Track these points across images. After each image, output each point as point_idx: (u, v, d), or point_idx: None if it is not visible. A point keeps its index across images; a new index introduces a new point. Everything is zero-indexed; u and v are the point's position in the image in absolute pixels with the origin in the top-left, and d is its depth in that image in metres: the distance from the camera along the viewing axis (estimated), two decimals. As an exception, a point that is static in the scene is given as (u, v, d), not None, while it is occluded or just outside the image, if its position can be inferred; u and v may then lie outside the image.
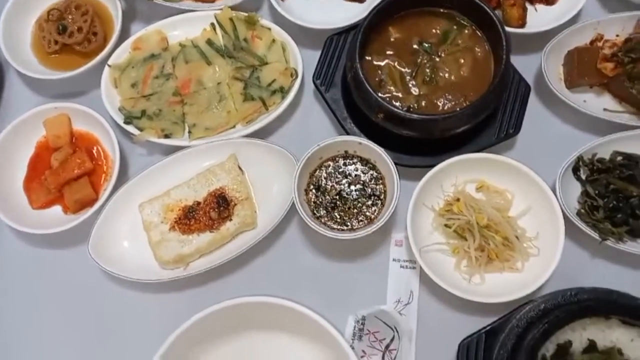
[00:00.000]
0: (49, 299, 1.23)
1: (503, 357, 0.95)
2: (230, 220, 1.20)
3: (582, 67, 1.26)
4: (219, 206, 1.20)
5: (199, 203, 1.21)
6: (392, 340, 1.16)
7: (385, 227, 1.23)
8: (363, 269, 1.19)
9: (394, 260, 1.19)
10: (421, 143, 1.24)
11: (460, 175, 1.23)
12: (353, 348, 1.14)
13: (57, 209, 1.28)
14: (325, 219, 1.19)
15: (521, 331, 0.95)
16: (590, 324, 0.97)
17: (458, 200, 1.18)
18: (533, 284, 1.08)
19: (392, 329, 1.16)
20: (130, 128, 1.30)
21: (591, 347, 0.94)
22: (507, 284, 1.12)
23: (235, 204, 1.21)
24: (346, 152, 1.23)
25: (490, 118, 1.23)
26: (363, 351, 1.15)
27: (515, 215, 1.18)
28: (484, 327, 1.07)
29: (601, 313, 0.92)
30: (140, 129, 1.30)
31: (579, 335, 0.97)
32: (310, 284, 1.17)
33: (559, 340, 0.96)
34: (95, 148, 1.32)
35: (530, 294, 1.05)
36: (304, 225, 1.22)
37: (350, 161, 1.23)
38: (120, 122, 1.30)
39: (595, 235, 1.11)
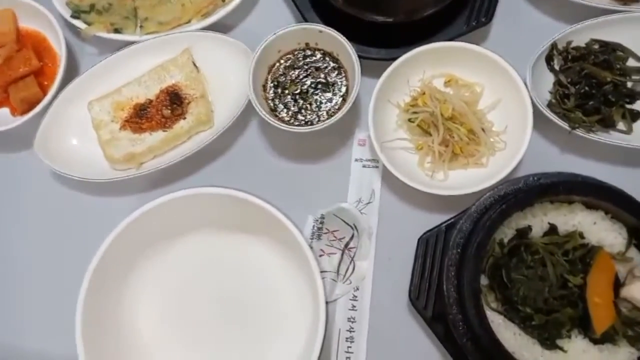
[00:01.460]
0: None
1: (459, 242, 0.93)
2: (184, 118, 1.14)
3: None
4: (172, 104, 1.14)
5: (150, 101, 1.15)
6: (351, 238, 1.13)
7: (349, 126, 1.18)
8: (325, 169, 1.14)
9: (356, 160, 1.14)
10: (387, 33, 1.17)
11: (428, 69, 1.16)
12: (312, 247, 1.12)
13: (4, 111, 1.22)
14: (285, 115, 1.14)
15: (478, 215, 0.91)
16: (553, 209, 0.94)
17: (424, 94, 1.13)
18: (497, 175, 1.03)
19: (351, 227, 1.13)
20: (78, 23, 1.22)
21: (552, 230, 0.91)
22: (472, 179, 1.07)
23: (190, 102, 1.15)
24: (307, 44, 1.16)
25: (460, 5, 1.15)
26: (322, 250, 1.12)
27: (484, 109, 1.13)
28: (445, 221, 1.04)
29: (563, 193, 0.88)
30: (89, 24, 1.22)
31: (539, 220, 0.93)
32: (270, 185, 1.12)
33: (519, 226, 0.93)
34: (42, 46, 1.25)
35: (494, 186, 1.01)
36: (264, 125, 1.17)
37: (312, 54, 1.16)
38: (68, 16, 1.22)
39: (565, 125, 1.05)
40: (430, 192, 1.03)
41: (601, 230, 0.90)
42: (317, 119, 1.10)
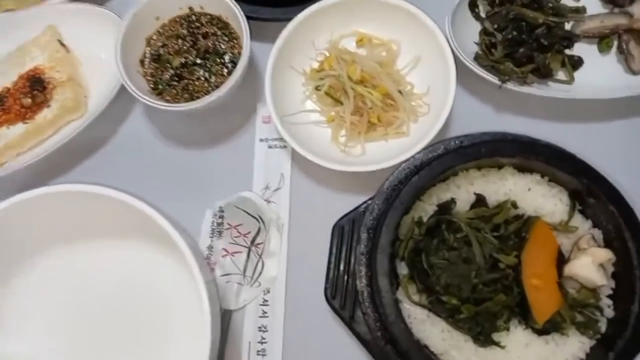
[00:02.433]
0: None
1: (371, 226, 0.77)
2: (48, 106, 0.97)
3: None
4: (32, 90, 0.97)
5: (8, 89, 0.98)
6: (257, 232, 0.97)
7: (250, 101, 1.02)
8: (224, 154, 0.99)
9: (261, 140, 0.99)
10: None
11: (336, 28, 0.99)
12: (212, 248, 0.96)
13: None
14: (168, 94, 0.98)
15: (391, 192, 0.77)
16: (480, 177, 0.79)
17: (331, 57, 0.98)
18: (420, 144, 0.89)
19: (256, 219, 0.97)
20: None
21: (478, 201, 0.76)
22: (393, 151, 0.92)
23: (55, 87, 0.98)
24: (191, 8, 0.99)
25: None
26: (225, 250, 0.96)
27: (403, 69, 0.98)
28: (363, 202, 0.89)
29: (486, 155, 0.73)
30: None
31: (465, 191, 0.78)
32: (161, 178, 0.98)
33: (440, 200, 0.78)
34: None
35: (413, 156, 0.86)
36: (151, 108, 1.00)
37: (197, 20, 1.00)
38: None
39: (495, 80, 0.91)
40: (347, 170, 0.88)
41: (537, 197, 0.76)
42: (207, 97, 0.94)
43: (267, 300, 0.91)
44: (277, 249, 0.93)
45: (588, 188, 0.72)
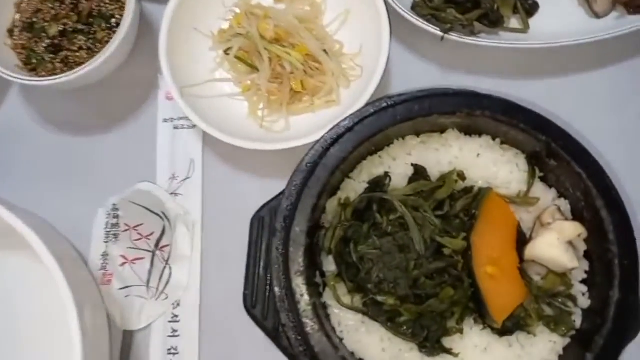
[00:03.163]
0: None
1: (287, 214, 0.64)
2: None
3: None
4: None
5: None
6: (162, 233, 0.82)
7: (149, 74, 0.88)
8: (120, 139, 0.88)
9: (164, 120, 0.86)
10: None
11: (248, -18, 0.87)
12: (107, 255, 0.81)
13: None
14: (43, 69, 0.82)
15: (310, 169, 0.63)
16: (419, 144, 0.66)
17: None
18: (349, 111, 0.76)
19: (159, 216, 0.83)
20: None
21: (417, 174, 0.63)
22: (322, 123, 0.78)
23: None
24: (68, -36, 0.86)
25: None
26: (123, 257, 0.81)
27: (329, 26, 0.85)
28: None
29: (421, 114, 0.60)
30: None
31: (402, 163, 0.66)
32: (42, 171, 0.86)
33: (372, 175, 0.66)
34: None
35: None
36: (28, 88, 0.85)
37: (75, -21, 0.86)
38: None
39: (436, 30, 0.79)
40: (267, 149, 0.77)
41: (489, 165, 0.65)
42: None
43: (177, 316, 0.78)
44: (187, 251, 0.80)
45: (548, 147, 0.60)
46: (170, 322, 0.78)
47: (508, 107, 0.61)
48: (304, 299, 0.57)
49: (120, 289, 0.81)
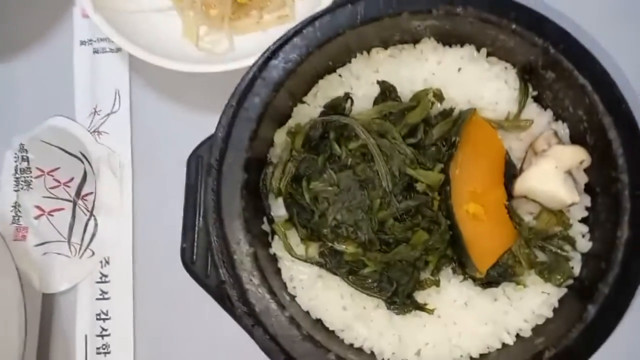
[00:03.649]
0: None
1: (222, 148, 0.52)
2: None
3: None
4: None
5: None
6: (84, 178, 0.71)
7: None
8: (29, 67, 0.77)
9: (82, 43, 0.74)
10: None
11: None
12: (19, 206, 0.70)
13: None
14: None
15: (248, 83, 0.51)
16: (387, 58, 0.55)
17: None
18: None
19: (79, 159, 0.71)
20: None
21: (385, 93, 0.52)
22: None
23: None
24: None
25: None
26: (38, 207, 0.70)
27: None
28: (229, 120, 0.64)
29: (388, 13, 0.48)
30: None
31: (366, 82, 0.55)
32: None
33: (330, 99, 0.53)
34: None
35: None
36: None
37: None
38: None
39: None
40: (206, 71, 0.66)
41: (472, 81, 0.55)
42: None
43: (106, 276, 0.70)
44: (115, 200, 0.70)
45: (545, 53, 0.49)
46: (98, 283, 0.69)
47: (497, 1, 0.49)
48: (240, 248, 0.47)
49: (37, 245, 0.71)
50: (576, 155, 0.48)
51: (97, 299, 0.68)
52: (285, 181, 0.54)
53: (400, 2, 0.50)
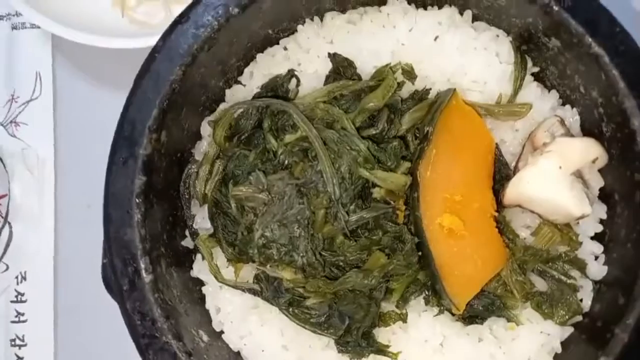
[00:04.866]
0: None
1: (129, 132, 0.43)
2: None
3: None
4: None
5: None
6: None
7: None
8: None
9: None
10: None
11: None
12: None
13: None
14: None
15: (149, 58, 0.41)
16: (345, 25, 0.45)
17: None
18: None
19: None
20: None
21: (338, 70, 0.42)
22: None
23: None
24: None
25: None
26: None
27: None
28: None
29: None
30: None
31: (317, 57, 0.44)
32: None
33: (267, 78, 0.44)
34: None
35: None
36: None
37: None
38: None
39: None
40: (137, 47, 0.57)
41: (453, 54, 0.44)
42: None
43: (22, 294, 0.63)
44: (33, 203, 0.62)
45: (547, 13, 0.37)
46: (13, 302, 0.62)
47: None
48: (137, 273, 0.37)
49: None
50: (587, 151, 0.38)
51: (12, 321, 0.61)
52: (212, 184, 0.45)
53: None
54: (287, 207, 0.39)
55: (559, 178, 0.38)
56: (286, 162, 0.40)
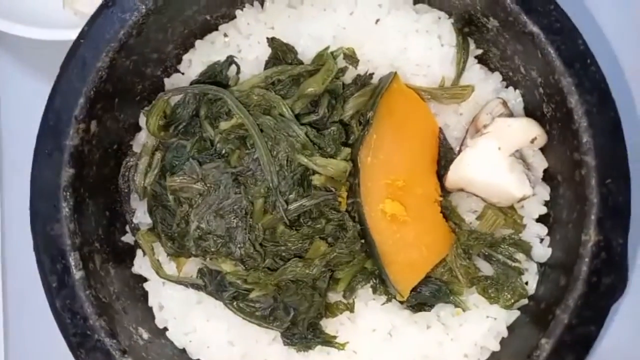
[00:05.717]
0: None
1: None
2: None
3: None
4: None
5: None
6: None
7: None
8: None
9: None
10: None
11: None
12: None
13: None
14: None
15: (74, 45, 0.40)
16: (285, 9, 0.44)
17: None
18: None
19: None
20: None
21: (278, 55, 0.41)
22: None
23: None
24: None
25: None
26: None
27: None
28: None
29: None
30: None
31: (258, 42, 0.43)
32: None
33: (207, 64, 0.44)
34: None
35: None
36: None
37: None
38: None
39: None
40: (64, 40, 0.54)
41: (395, 37, 0.43)
42: None
43: None
44: None
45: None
46: None
47: None
48: (68, 271, 0.37)
49: None
50: (525, 131, 0.37)
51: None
52: (151, 177, 0.44)
53: None
54: (223, 197, 0.38)
55: (498, 159, 0.37)
56: (223, 150, 0.39)
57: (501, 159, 0.37)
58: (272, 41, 0.42)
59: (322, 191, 0.39)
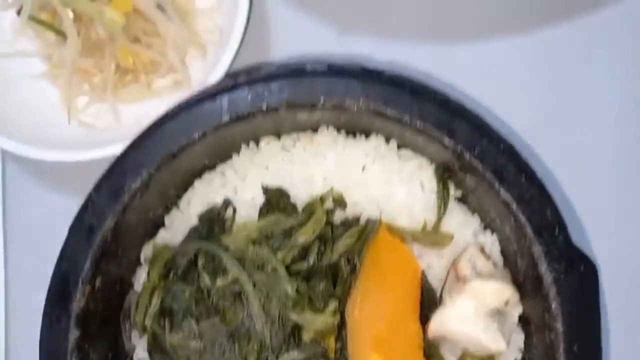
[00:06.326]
0: None
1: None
2: None
3: None
4: None
5: None
6: None
7: None
8: None
9: None
10: None
11: None
12: None
13: None
14: None
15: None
16: (279, 152, 0.47)
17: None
18: None
19: None
20: None
21: (271, 201, 0.44)
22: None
23: None
24: None
25: None
26: None
27: None
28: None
29: (272, 107, 0.40)
30: None
31: (254, 183, 0.46)
32: None
33: (205, 208, 0.46)
34: None
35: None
36: None
37: None
38: None
39: None
40: (81, 160, 0.56)
41: (381, 182, 0.46)
42: None
43: None
44: None
45: (459, 158, 0.40)
46: None
47: (395, 92, 0.40)
48: None
49: None
50: (499, 294, 0.40)
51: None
52: (150, 316, 0.44)
53: (284, 92, 0.40)
54: (219, 355, 0.40)
55: (474, 319, 0.40)
56: (220, 305, 0.41)
57: (477, 319, 0.39)
58: (266, 191, 0.45)
59: (312, 344, 0.41)
